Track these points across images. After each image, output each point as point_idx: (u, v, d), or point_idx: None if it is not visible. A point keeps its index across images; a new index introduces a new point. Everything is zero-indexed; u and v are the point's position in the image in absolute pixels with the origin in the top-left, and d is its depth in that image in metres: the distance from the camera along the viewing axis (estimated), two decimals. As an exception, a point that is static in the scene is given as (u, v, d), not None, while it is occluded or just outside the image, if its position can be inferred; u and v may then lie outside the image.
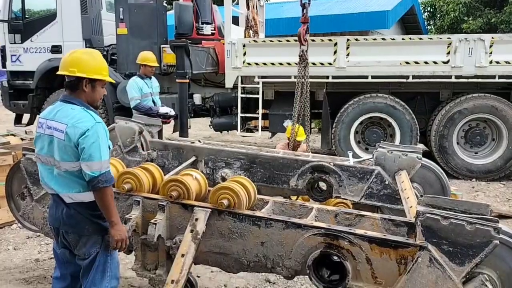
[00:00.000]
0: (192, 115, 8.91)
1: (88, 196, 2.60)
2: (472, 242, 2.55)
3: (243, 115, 8.41)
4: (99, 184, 2.51)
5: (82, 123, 2.50)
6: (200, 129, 12.23)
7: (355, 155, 7.88)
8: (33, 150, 3.39)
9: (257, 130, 8.72)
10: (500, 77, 7.24)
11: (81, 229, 2.59)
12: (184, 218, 3.19)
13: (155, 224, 3.10)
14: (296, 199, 5.37)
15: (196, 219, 3.06)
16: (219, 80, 9.05)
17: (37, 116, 2.77)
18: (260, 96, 8.19)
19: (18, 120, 9.69)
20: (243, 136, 9.25)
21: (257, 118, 8.52)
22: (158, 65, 6.61)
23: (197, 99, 8.87)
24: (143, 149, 5.33)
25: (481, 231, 2.52)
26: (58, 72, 2.59)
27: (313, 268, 2.87)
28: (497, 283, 2.65)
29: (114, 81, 3.25)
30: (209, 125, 9.16)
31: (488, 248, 2.52)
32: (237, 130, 8.55)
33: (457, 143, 7.66)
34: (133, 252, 3.37)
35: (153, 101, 6.43)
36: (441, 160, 7.59)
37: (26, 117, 9.60)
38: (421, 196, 4.46)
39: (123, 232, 2.72)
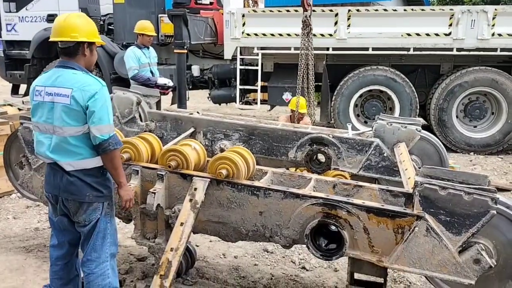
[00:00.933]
0: (190, 87, 8.85)
1: (90, 162, 2.60)
2: (469, 212, 2.57)
3: (242, 87, 8.35)
4: (110, 147, 2.54)
5: (89, 86, 2.51)
6: (199, 102, 12.15)
7: (354, 128, 7.88)
8: (30, 119, 3.38)
9: (256, 103, 8.68)
10: (502, 50, 7.17)
11: (82, 196, 2.59)
12: (183, 188, 3.19)
13: (154, 193, 3.10)
14: (295, 170, 5.40)
15: (195, 189, 3.06)
16: (218, 51, 8.93)
17: (32, 84, 2.71)
18: (259, 68, 8.10)
19: (15, 91, 9.60)
20: (242, 109, 9.20)
21: (256, 91, 8.45)
22: (156, 34, 6.51)
23: (195, 70, 8.77)
24: (141, 120, 5.31)
25: (479, 201, 2.54)
26: (57, 39, 2.53)
27: (310, 237, 2.89)
28: (492, 252, 2.68)
29: (105, 43, 3.24)
30: (208, 98, 9.10)
31: (485, 218, 2.54)
32: (235, 102, 8.50)
33: (457, 116, 7.64)
34: (132, 221, 3.40)
35: (151, 72, 6.35)
36: (440, 134, 7.58)
37: (23, 88, 9.50)
38: (420, 168, 4.49)
39: (131, 192, 2.83)
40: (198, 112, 5.32)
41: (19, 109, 6.09)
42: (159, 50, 8.61)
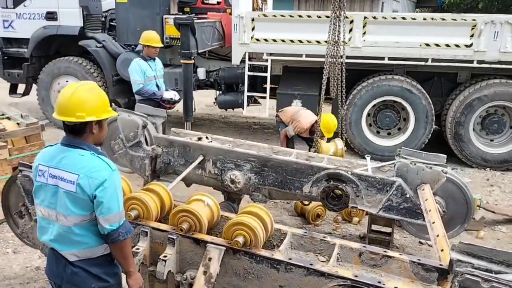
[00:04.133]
0: (195, 89, 8.52)
1: (97, 251, 2.36)
2: (514, 308, 2.33)
3: (250, 94, 8.01)
4: (119, 237, 2.30)
5: (98, 173, 2.22)
6: (203, 95, 11.68)
7: (366, 140, 7.62)
8: (30, 167, 3.11)
9: (259, 103, 8.53)
10: (525, 63, 6.82)
11: None
12: (195, 253, 2.96)
13: (165, 261, 2.87)
14: (308, 204, 5.16)
15: (210, 259, 2.82)
16: (225, 52, 8.57)
17: (35, 160, 2.42)
18: (268, 74, 7.74)
19: (13, 90, 9.26)
20: (247, 117, 8.89)
21: (264, 97, 8.13)
22: (162, 45, 6.15)
23: (201, 73, 8.42)
24: (147, 144, 5.04)
25: (526, 298, 2.30)
26: (62, 119, 2.24)
27: (336, 318, 2.67)
28: None
29: (118, 114, 2.83)
30: (214, 103, 8.77)
31: (532, 317, 2.31)
32: (242, 108, 8.17)
33: (473, 129, 7.33)
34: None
35: (157, 85, 6.04)
36: (456, 148, 7.31)
37: (21, 87, 9.16)
38: (444, 211, 4.25)
39: (141, 280, 2.56)
40: (207, 137, 5.05)
41: (18, 124, 5.78)
42: (163, 52, 8.26)
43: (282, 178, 4.52)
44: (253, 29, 7.49)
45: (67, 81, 8.32)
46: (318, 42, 7.26)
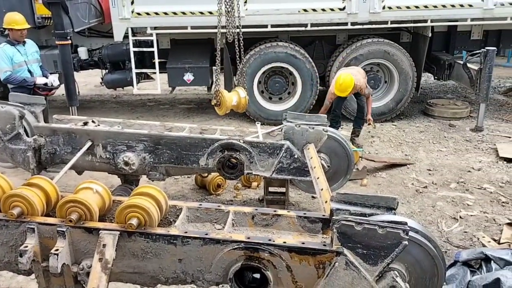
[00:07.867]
0: (78, 70, 8.03)
1: None
2: (383, 244, 2.67)
3: (138, 70, 7.76)
4: None
5: None
6: (90, 75, 11.02)
7: (259, 107, 7.88)
8: None
9: (152, 78, 8.33)
10: (392, 22, 7.48)
11: None
12: (89, 242, 2.90)
13: (57, 254, 2.78)
14: (206, 176, 5.26)
15: (104, 245, 2.79)
16: (106, 29, 8.15)
17: None
18: (155, 49, 7.54)
19: None
20: (141, 94, 8.62)
21: (154, 72, 7.94)
22: (29, 26, 5.64)
23: (82, 53, 7.94)
24: (27, 135, 4.71)
25: (392, 233, 2.63)
26: None
27: (234, 280, 2.84)
28: (405, 274, 2.87)
29: None
30: (101, 83, 8.36)
31: (398, 248, 2.66)
32: (133, 86, 7.91)
33: (353, 87, 7.93)
34: (35, 278, 3.04)
35: (29, 71, 5.57)
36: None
37: None
38: (328, 166, 4.62)
39: None
40: (93, 121, 4.85)
41: None
42: (37, 33, 7.62)
43: (177, 154, 4.55)
44: (132, 2, 7.18)
45: None
46: (201, 13, 7.23)
